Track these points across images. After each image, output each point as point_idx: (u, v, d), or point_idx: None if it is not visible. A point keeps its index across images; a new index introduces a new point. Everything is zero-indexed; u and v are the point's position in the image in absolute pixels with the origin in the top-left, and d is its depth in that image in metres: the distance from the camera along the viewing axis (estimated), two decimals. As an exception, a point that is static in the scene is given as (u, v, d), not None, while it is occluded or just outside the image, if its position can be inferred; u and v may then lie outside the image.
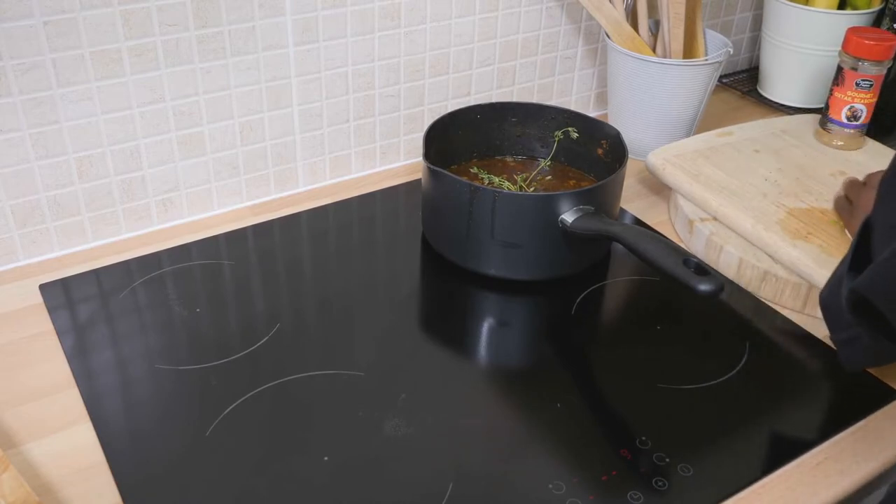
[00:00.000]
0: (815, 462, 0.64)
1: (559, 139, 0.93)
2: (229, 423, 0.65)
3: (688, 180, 0.91)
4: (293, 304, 0.80)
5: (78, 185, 0.83)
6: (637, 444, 0.65)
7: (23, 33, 0.73)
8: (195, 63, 0.83)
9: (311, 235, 0.90)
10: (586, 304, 0.81)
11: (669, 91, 0.99)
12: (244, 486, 0.61)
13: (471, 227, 0.80)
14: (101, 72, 0.78)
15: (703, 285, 0.67)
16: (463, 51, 1.00)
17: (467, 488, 0.61)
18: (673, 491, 0.61)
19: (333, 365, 0.71)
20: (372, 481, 0.61)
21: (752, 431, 0.67)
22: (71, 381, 0.70)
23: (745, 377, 0.72)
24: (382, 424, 0.66)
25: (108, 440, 0.64)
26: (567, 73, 1.11)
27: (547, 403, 0.68)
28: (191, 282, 0.81)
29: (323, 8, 0.88)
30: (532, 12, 1.02)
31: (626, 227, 0.78)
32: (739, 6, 1.25)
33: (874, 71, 0.97)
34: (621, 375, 0.72)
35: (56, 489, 0.61)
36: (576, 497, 0.60)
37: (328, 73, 0.92)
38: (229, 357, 0.72)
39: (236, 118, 0.88)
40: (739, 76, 1.29)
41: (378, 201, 0.96)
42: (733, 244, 0.84)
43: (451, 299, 0.82)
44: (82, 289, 0.80)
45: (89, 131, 0.81)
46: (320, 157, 0.97)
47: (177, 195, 0.89)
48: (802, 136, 1.03)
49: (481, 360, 0.76)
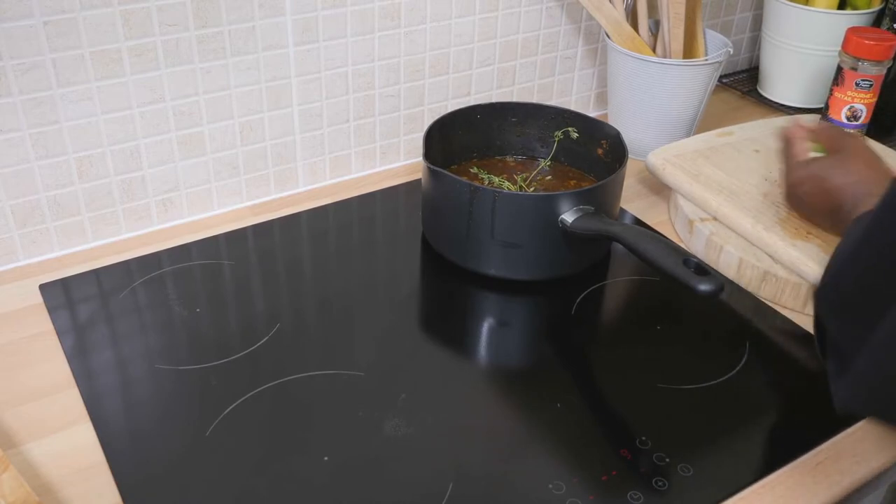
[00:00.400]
0: (815, 462, 0.64)
1: (559, 139, 0.93)
2: (229, 423, 0.65)
3: (688, 180, 0.91)
4: (293, 304, 0.80)
5: (78, 185, 0.83)
6: (637, 444, 0.65)
7: (23, 33, 0.73)
8: (195, 63, 0.83)
9: (311, 235, 0.90)
10: (586, 304, 0.81)
11: (669, 91, 0.99)
12: (244, 486, 0.61)
13: (471, 227, 0.80)
14: (101, 72, 0.78)
15: (703, 285, 0.67)
16: (463, 51, 1.00)
17: (467, 488, 0.61)
18: (673, 491, 0.61)
19: (333, 365, 0.71)
20: (372, 481, 0.61)
21: (752, 431, 0.67)
22: (71, 381, 0.70)
23: (745, 377, 0.72)
24: (382, 424, 0.66)
25: (108, 440, 0.64)
26: (567, 73, 1.11)
27: (547, 403, 0.68)
28: (191, 282, 0.81)
29: (323, 8, 0.88)
30: (532, 12, 1.02)
31: (626, 227, 0.78)
32: (739, 6, 1.25)
33: (874, 71, 0.97)
34: (621, 375, 0.72)
35: (56, 489, 0.61)
36: (576, 497, 0.60)
37: (328, 73, 0.92)
38: (229, 357, 0.72)
39: (236, 118, 0.88)
40: (739, 76, 1.29)
41: (378, 201, 0.96)
42: (733, 244, 0.84)
43: (451, 299, 0.82)
44: (82, 289, 0.79)
45: (89, 131, 0.81)
46: (320, 157, 0.97)
47: (177, 195, 0.89)
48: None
49: (481, 360, 0.76)
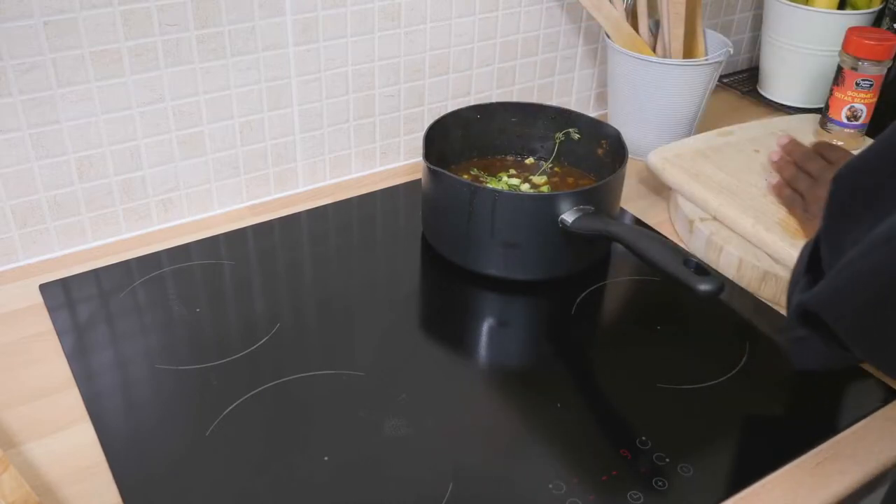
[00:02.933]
0: (815, 462, 0.64)
1: (560, 141, 0.93)
2: (229, 423, 0.65)
3: (688, 180, 0.91)
4: (293, 304, 0.80)
5: (78, 185, 0.83)
6: (637, 444, 0.65)
7: (23, 33, 0.73)
8: (195, 63, 0.83)
9: (311, 235, 0.90)
10: (586, 304, 0.81)
11: (669, 91, 0.99)
12: (244, 485, 0.61)
13: (471, 227, 0.80)
14: (101, 72, 0.78)
15: (703, 285, 0.67)
16: (463, 51, 1.00)
17: (467, 488, 0.61)
18: (673, 491, 0.61)
19: (333, 365, 0.71)
20: (372, 481, 0.61)
21: (752, 431, 0.67)
22: (71, 381, 0.70)
23: (745, 377, 0.72)
24: (382, 424, 0.66)
25: (108, 440, 0.64)
26: (567, 73, 1.11)
27: (547, 403, 0.68)
28: (191, 282, 0.81)
29: (323, 8, 0.87)
30: (532, 12, 1.02)
31: (626, 227, 0.78)
32: (739, 6, 1.25)
33: (874, 71, 0.97)
34: (621, 375, 0.72)
35: (56, 489, 0.61)
36: (576, 497, 0.60)
37: (328, 73, 0.92)
38: (229, 357, 0.72)
39: (236, 118, 0.88)
40: (739, 76, 1.29)
41: (378, 201, 0.96)
42: (733, 244, 0.84)
43: (451, 299, 0.82)
44: (82, 289, 0.79)
45: (89, 131, 0.81)
46: (320, 157, 0.97)
47: (177, 195, 0.89)
48: (802, 136, 1.02)
49: (481, 360, 0.76)
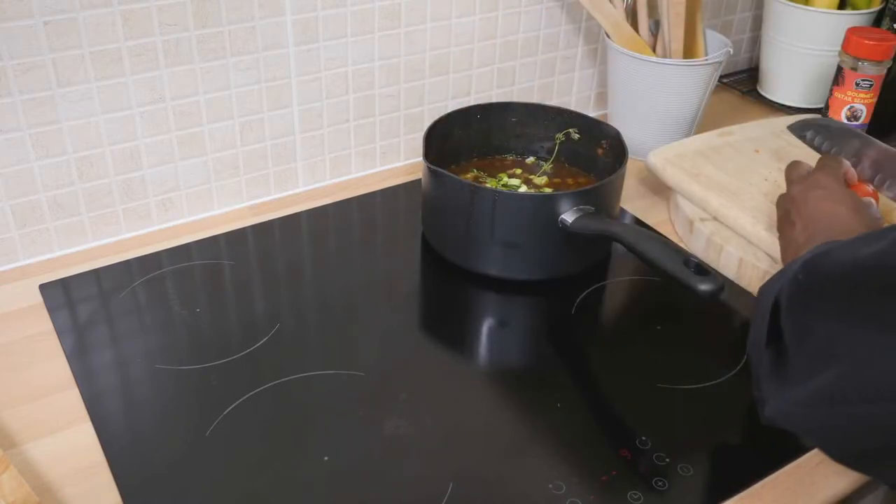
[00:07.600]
0: (815, 462, 0.64)
1: (560, 141, 0.93)
2: (229, 423, 0.65)
3: (688, 180, 0.91)
4: (293, 304, 0.80)
5: (78, 185, 0.83)
6: (637, 444, 0.65)
7: (23, 33, 0.73)
8: (195, 63, 0.83)
9: (311, 235, 0.90)
10: (586, 304, 0.81)
11: (669, 91, 0.99)
12: (244, 485, 0.61)
13: (471, 227, 0.80)
14: (101, 72, 0.78)
15: (703, 285, 0.67)
16: (463, 51, 1.00)
17: (467, 488, 0.61)
18: (673, 491, 0.61)
19: (333, 365, 0.71)
20: (372, 481, 0.61)
21: (752, 431, 0.67)
22: (71, 381, 0.70)
23: (745, 377, 0.72)
24: (382, 424, 0.66)
25: (108, 440, 0.64)
26: (567, 73, 1.11)
27: (547, 403, 0.68)
28: (191, 282, 0.81)
29: (323, 8, 0.87)
30: (532, 12, 1.02)
31: (626, 227, 0.78)
32: (739, 6, 1.25)
33: (874, 71, 0.97)
34: (621, 375, 0.72)
35: (56, 489, 0.61)
36: (576, 497, 0.60)
37: (328, 73, 0.92)
38: (229, 357, 0.72)
39: (236, 118, 0.88)
40: (739, 76, 1.29)
41: (378, 201, 0.96)
42: (733, 244, 0.84)
43: (451, 299, 0.82)
44: (82, 289, 0.79)
45: (89, 131, 0.81)
46: (320, 157, 0.97)
47: (177, 195, 0.89)
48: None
49: (481, 360, 0.76)
